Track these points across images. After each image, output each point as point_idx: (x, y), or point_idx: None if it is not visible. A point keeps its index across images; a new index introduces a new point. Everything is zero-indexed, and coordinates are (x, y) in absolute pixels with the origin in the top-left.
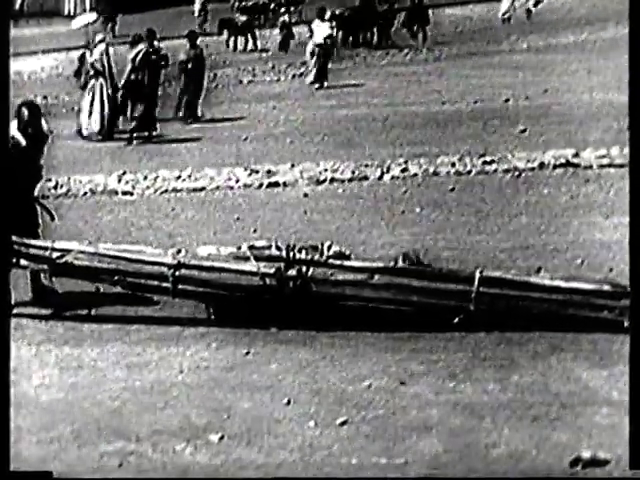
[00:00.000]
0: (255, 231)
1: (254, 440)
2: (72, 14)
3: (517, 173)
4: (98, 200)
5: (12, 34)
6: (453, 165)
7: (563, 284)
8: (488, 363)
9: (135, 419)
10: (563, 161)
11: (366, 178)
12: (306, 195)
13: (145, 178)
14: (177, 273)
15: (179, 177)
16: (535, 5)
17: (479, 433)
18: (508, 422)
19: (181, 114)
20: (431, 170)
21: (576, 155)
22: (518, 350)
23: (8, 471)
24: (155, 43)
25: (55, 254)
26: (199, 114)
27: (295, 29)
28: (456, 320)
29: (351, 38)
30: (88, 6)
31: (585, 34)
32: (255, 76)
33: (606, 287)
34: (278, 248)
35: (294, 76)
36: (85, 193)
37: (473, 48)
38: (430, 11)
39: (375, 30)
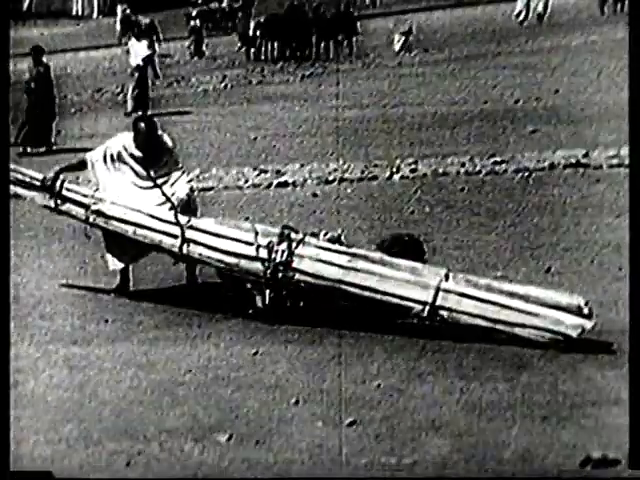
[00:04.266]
0: None
1: (262, 440)
2: (80, 14)
3: (527, 173)
4: None
5: (19, 35)
6: (463, 165)
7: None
8: (497, 363)
9: (143, 419)
10: (573, 161)
11: (375, 178)
12: (315, 195)
13: None
14: (186, 234)
15: None
16: (544, 9)
17: (488, 433)
18: (517, 422)
19: (21, 141)
20: (441, 170)
21: (586, 155)
22: (527, 350)
23: (8, 471)
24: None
25: (94, 203)
26: (52, 141)
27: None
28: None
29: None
30: (96, 6)
31: (595, 35)
32: (264, 77)
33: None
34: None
35: (303, 77)
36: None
37: (483, 49)
38: (358, 22)
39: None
